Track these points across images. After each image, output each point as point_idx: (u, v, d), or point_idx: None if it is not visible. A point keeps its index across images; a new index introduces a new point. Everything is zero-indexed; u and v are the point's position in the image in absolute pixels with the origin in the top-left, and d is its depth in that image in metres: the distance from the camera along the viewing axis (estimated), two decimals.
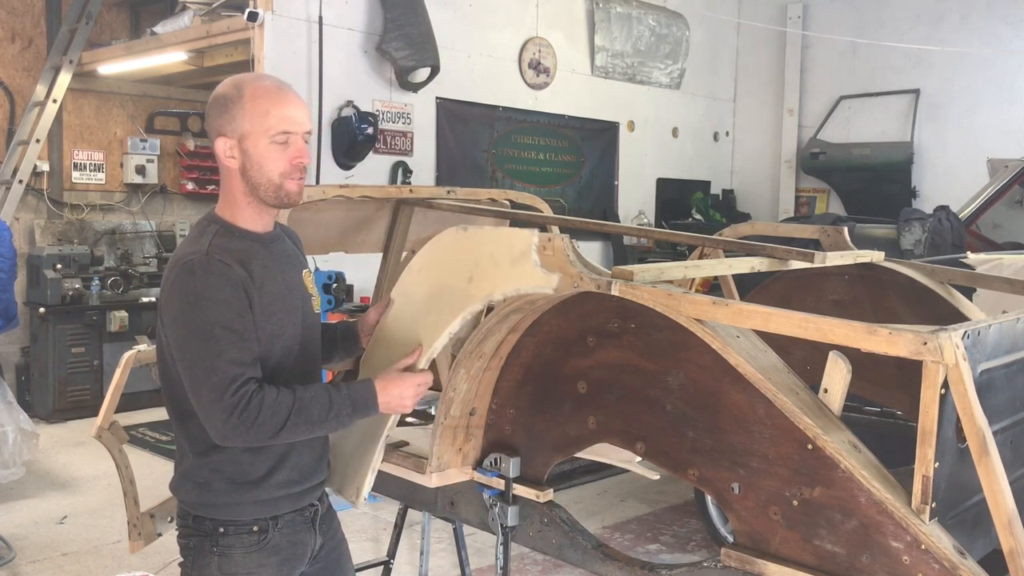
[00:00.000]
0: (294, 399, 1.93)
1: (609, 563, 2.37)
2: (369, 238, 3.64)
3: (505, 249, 2.19)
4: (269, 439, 1.92)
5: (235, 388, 1.88)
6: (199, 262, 1.93)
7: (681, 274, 2.53)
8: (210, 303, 1.91)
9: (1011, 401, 2.08)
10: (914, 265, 3.26)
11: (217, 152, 2.02)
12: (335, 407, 1.98)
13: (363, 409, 2.04)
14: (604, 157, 8.98)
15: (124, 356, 2.93)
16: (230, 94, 2.01)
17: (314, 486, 2.17)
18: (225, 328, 1.90)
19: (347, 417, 2.01)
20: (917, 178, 9.00)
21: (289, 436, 1.94)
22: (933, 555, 1.76)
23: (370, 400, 2.05)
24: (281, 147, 1.99)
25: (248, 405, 1.87)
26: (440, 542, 4.61)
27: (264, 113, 1.98)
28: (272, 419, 1.89)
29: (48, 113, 7.39)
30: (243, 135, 1.99)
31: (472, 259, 2.25)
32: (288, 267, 2.11)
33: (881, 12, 9.27)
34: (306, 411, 1.93)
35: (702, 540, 4.84)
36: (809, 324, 1.86)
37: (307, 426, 1.95)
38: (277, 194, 2.02)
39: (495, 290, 2.20)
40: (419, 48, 6.86)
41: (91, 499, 5.48)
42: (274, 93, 2.01)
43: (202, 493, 2.04)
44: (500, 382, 2.54)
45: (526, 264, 2.14)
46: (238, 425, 1.87)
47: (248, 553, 2.04)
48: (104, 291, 7.54)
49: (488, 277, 2.21)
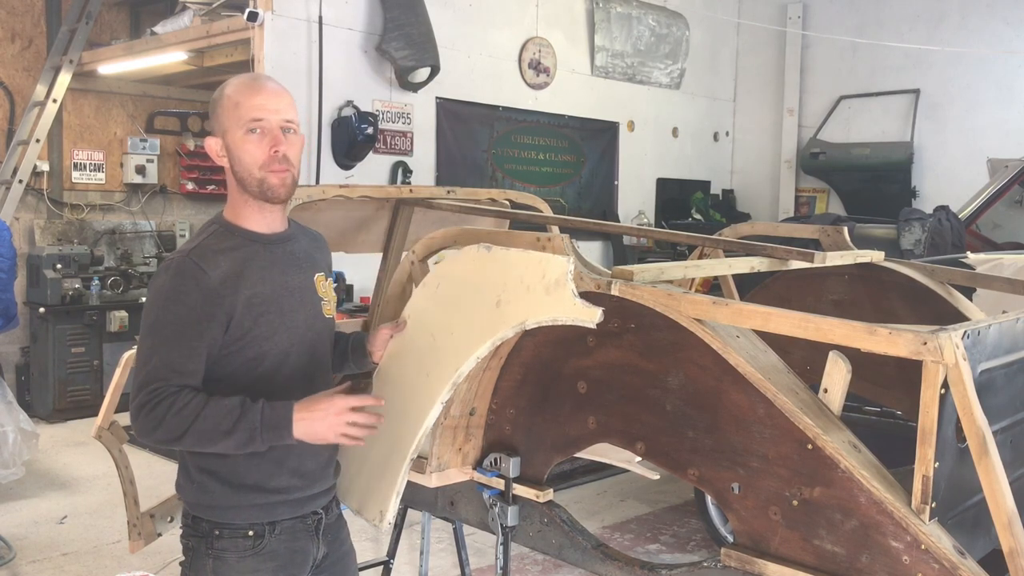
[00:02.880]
0: (204, 406, 1.87)
1: (609, 563, 2.37)
2: (369, 238, 3.63)
3: (537, 275, 2.11)
4: (173, 442, 1.88)
5: (153, 388, 1.88)
6: (177, 261, 1.96)
7: (681, 274, 2.53)
8: (170, 303, 1.92)
9: (1011, 401, 2.08)
10: (914, 265, 3.26)
11: (211, 153, 2.06)
12: (243, 422, 1.87)
13: (273, 430, 1.89)
14: (604, 157, 8.97)
15: (124, 356, 2.93)
16: (216, 95, 2.05)
17: (317, 494, 2.13)
18: (175, 330, 1.91)
19: (256, 435, 1.88)
20: (917, 178, 9.00)
21: (192, 442, 1.88)
22: (933, 555, 1.76)
23: (282, 423, 1.90)
24: (256, 136, 1.98)
25: (157, 405, 1.87)
26: (440, 542, 4.61)
27: (235, 105, 1.99)
28: (175, 422, 1.86)
29: (48, 113, 7.39)
30: (224, 131, 2.01)
31: (499, 282, 2.18)
32: (293, 269, 2.09)
33: (881, 12, 9.27)
34: (212, 419, 1.86)
35: (702, 540, 4.84)
36: (809, 324, 1.87)
37: (211, 435, 1.87)
38: (260, 188, 2.00)
39: (528, 317, 2.13)
40: (419, 48, 6.86)
41: (91, 499, 5.48)
42: (246, 85, 2.02)
43: (199, 493, 2.04)
44: (500, 382, 2.54)
45: (563, 293, 2.07)
46: (145, 423, 1.88)
47: (242, 558, 2.02)
48: (104, 291, 7.54)
49: (519, 303, 2.14)
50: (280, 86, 2.06)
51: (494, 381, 2.54)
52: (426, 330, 2.31)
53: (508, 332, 2.18)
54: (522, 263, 2.16)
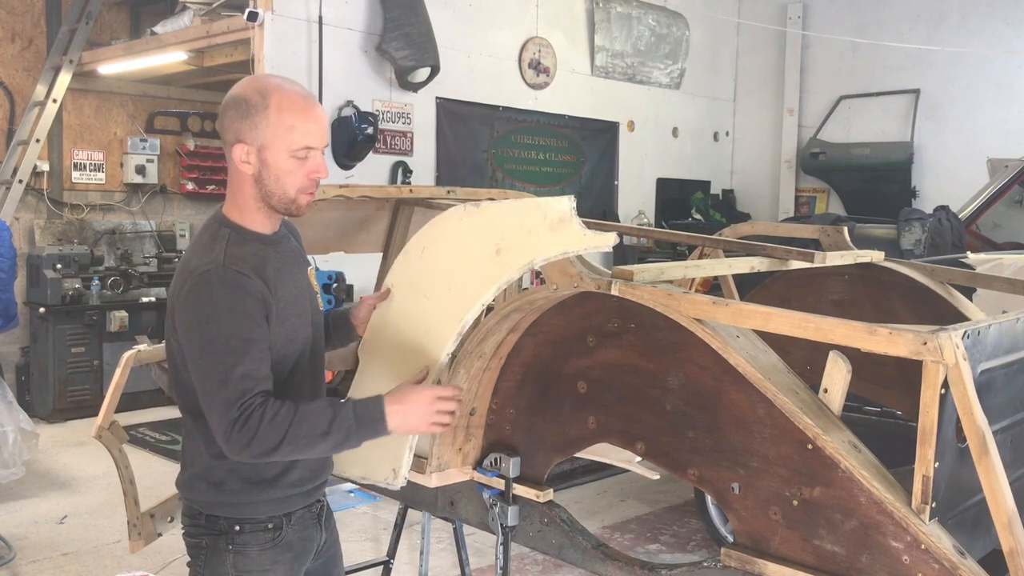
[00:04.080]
0: (295, 412, 1.88)
1: (609, 563, 2.37)
2: (369, 238, 3.64)
3: (539, 217, 2.13)
4: (270, 453, 1.88)
5: (242, 403, 1.86)
6: (216, 273, 1.91)
7: (681, 274, 2.53)
8: (226, 315, 1.89)
9: (1011, 401, 2.08)
10: (914, 265, 3.26)
11: (233, 156, 1.98)
12: (338, 420, 1.90)
13: (369, 426, 1.94)
14: (604, 157, 8.97)
15: (124, 356, 2.93)
16: (254, 101, 1.95)
17: (321, 483, 2.19)
18: (241, 340, 1.88)
19: (352, 433, 1.92)
20: (917, 178, 9.00)
21: (290, 450, 1.89)
22: (933, 555, 1.76)
23: (376, 417, 1.94)
24: (301, 162, 1.98)
25: (249, 418, 1.85)
26: (440, 542, 4.61)
27: (289, 128, 1.94)
28: (272, 433, 1.86)
29: (48, 113, 7.39)
30: (264, 145, 1.95)
31: (496, 232, 2.18)
32: (296, 267, 2.11)
33: (881, 12, 9.27)
34: (307, 423, 1.88)
35: (702, 540, 4.84)
36: (809, 324, 1.87)
37: (308, 440, 1.89)
38: (288, 206, 2.01)
39: (535, 257, 2.13)
40: (419, 48, 6.86)
41: (91, 499, 5.47)
42: (300, 106, 1.97)
43: (217, 493, 2.04)
44: (500, 382, 2.54)
45: (570, 228, 2.09)
46: (239, 439, 1.85)
47: (263, 550, 2.05)
48: (104, 291, 7.54)
49: (522, 246, 2.14)
50: (320, 107, 2.05)
51: (494, 381, 2.54)
52: (417, 293, 2.30)
53: (515, 274, 2.17)
54: (519, 210, 2.18)
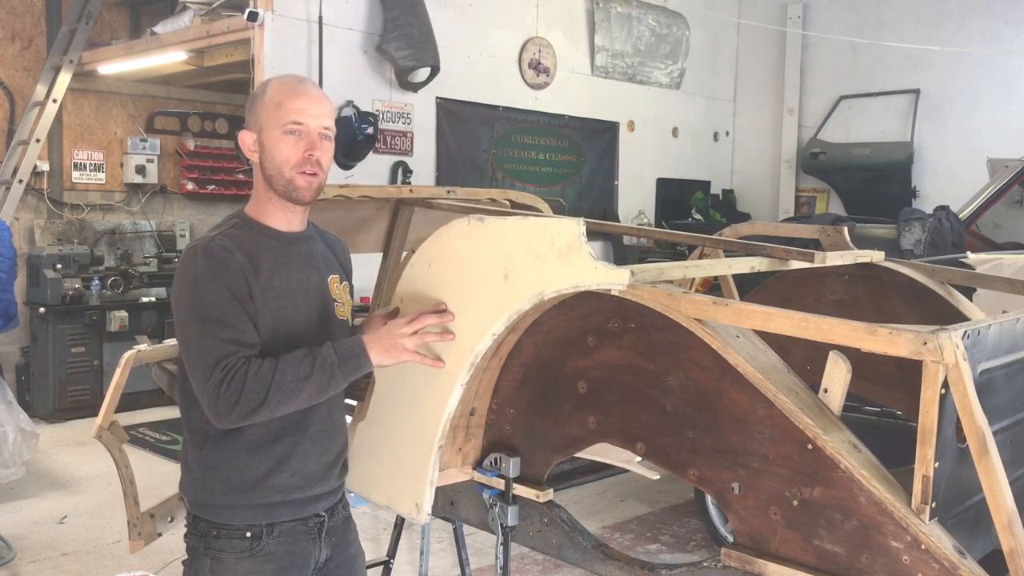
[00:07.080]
0: (277, 361, 1.90)
1: (609, 563, 2.37)
2: (369, 238, 3.64)
3: (546, 241, 2.01)
4: (259, 408, 1.87)
5: (223, 364, 1.87)
6: (202, 247, 1.97)
7: (681, 274, 2.53)
8: (208, 284, 1.92)
9: (1011, 401, 2.08)
10: (914, 265, 3.26)
11: (242, 146, 2.08)
12: (320, 360, 1.92)
13: (351, 360, 1.96)
14: (604, 157, 8.97)
15: (124, 356, 2.93)
16: (257, 91, 2.10)
17: (320, 495, 2.12)
18: (222, 309, 1.91)
19: (336, 370, 1.94)
20: (917, 178, 9.00)
21: (278, 400, 1.89)
22: (933, 555, 1.76)
23: (357, 351, 1.97)
24: (293, 138, 2.02)
25: (234, 377, 1.86)
26: (440, 542, 4.61)
27: (277, 105, 2.02)
28: (257, 385, 1.86)
29: (48, 113, 7.39)
30: (261, 127, 2.04)
31: (502, 253, 2.09)
32: (308, 268, 2.10)
33: (881, 12, 9.27)
34: (290, 369, 1.89)
35: (702, 540, 4.84)
36: (809, 324, 1.86)
37: (294, 385, 1.89)
38: (287, 188, 2.03)
39: (545, 287, 2.03)
40: (419, 48, 6.86)
41: (91, 499, 5.48)
42: (291, 88, 2.06)
43: (198, 492, 2.04)
44: (500, 382, 2.54)
45: (580, 257, 1.97)
46: (225, 400, 1.86)
47: (239, 559, 2.01)
48: (104, 291, 7.54)
49: (530, 273, 2.04)
50: (322, 92, 2.10)
51: (494, 381, 2.54)
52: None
53: (525, 304, 2.08)
54: (526, 231, 2.06)
